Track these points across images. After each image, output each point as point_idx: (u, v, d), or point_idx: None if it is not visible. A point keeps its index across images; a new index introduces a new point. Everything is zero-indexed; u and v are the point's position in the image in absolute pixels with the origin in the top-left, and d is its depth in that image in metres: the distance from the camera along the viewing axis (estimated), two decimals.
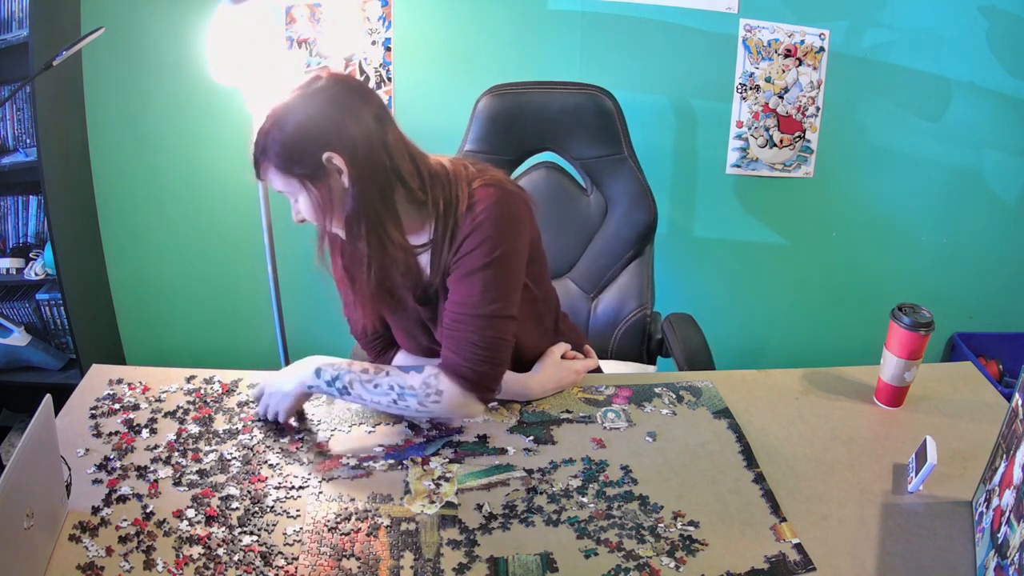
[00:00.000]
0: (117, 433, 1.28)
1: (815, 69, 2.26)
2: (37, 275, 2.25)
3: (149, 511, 1.12)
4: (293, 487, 1.18)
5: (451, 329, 1.26)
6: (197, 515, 1.12)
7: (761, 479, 1.22)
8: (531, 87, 1.82)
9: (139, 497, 1.15)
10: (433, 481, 1.21)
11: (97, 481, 1.18)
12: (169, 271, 2.50)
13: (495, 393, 1.29)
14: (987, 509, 1.08)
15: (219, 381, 1.42)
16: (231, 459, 1.24)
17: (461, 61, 2.26)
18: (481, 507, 1.16)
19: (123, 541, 1.07)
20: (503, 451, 1.27)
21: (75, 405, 1.35)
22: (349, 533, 1.11)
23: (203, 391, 1.40)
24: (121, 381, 1.42)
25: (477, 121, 1.82)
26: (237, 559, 1.05)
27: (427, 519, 1.14)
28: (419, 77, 2.27)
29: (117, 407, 1.35)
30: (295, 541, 1.09)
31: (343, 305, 1.43)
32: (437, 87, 2.28)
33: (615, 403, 1.39)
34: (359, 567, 1.05)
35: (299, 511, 1.14)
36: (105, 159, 2.34)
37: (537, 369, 1.41)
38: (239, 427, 1.31)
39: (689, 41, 2.24)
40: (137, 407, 1.35)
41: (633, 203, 1.84)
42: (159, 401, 1.37)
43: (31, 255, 2.29)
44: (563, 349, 1.46)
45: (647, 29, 2.23)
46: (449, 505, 1.16)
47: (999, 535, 1.00)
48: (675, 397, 1.41)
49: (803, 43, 2.23)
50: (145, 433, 1.29)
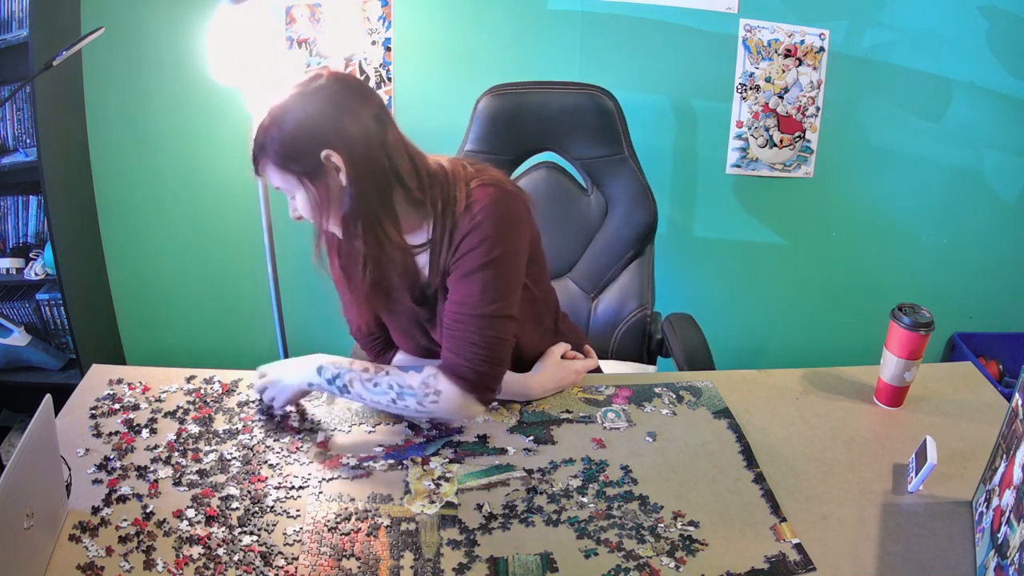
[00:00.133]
0: (117, 433, 1.28)
1: (815, 69, 2.26)
2: (37, 275, 2.25)
3: (149, 511, 1.12)
4: (293, 487, 1.18)
5: (451, 329, 1.26)
6: (197, 515, 1.12)
7: (761, 479, 1.22)
8: (531, 87, 1.82)
9: (139, 497, 1.15)
10: (433, 481, 1.21)
11: (97, 481, 1.18)
12: (169, 271, 2.50)
13: (495, 394, 1.29)
14: (987, 509, 1.08)
15: (219, 381, 1.42)
16: (231, 459, 1.24)
17: (461, 61, 2.26)
18: (481, 507, 1.16)
19: (123, 541, 1.07)
20: (503, 451, 1.27)
21: (75, 405, 1.35)
22: (349, 533, 1.11)
23: (203, 391, 1.40)
24: (121, 381, 1.42)
25: (477, 121, 1.82)
26: (237, 559, 1.05)
27: (427, 519, 1.14)
28: (419, 77, 2.27)
29: (117, 407, 1.35)
30: (295, 541, 1.09)
31: (342, 305, 1.43)
32: (437, 87, 2.28)
33: (615, 403, 1.39)
34: (359, 567, 1.05)
35: (299, 511, 1.14)
36: (105, 159, 2.34)
37: (537, 369, 1.41)
38: (239, 427, 1.31)
39: (689, 41, 2.24)
40: (137, 407, 1.35)
41: (633, 203, 1.84)
42: (159, 401, 1.37)
43: (31, 255, 2.29)
44: (563, 349, 1.46)
45: (647, 29, 2.23)
46: (449, 505, 1.16)
47: (999, 535, 1.00)
48: (675, 397, 1.41)
49: (803, 43, 2.23)
50: (145, 433, 1.29)
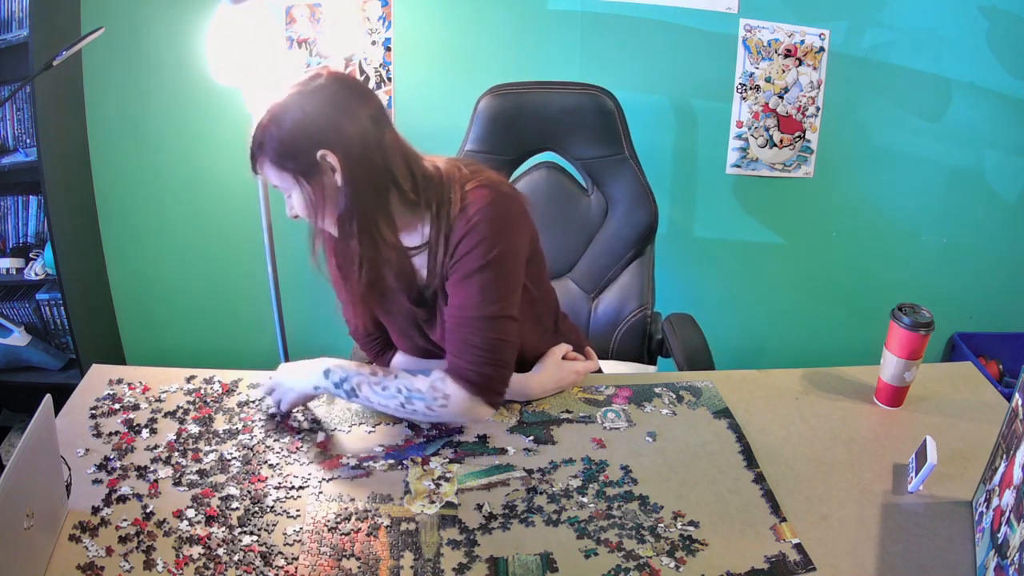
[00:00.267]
0: (117, 433, 1.28)
1: (815, 69, 2.26)
2: (37, 275, 2.25)
3: (149, 511, 1.12)
4: (293, 487, 1.18)
5: (453, 333, 1.26)
6: (197, 515, 1.12)
7: (761, 479, 1.22)
8: (532, 87, 1.82)
9: (139, 497, 1.15)
10: (433, 481, 1.21)
11: (97, 481, 1.18)
12: (169, 271, 2.50)
13: (502, 396, 1.29)
14: (987, 509, 1.08)
15: (219, 381, 1.42)
16: (231, 459, 1.24)
17: (461, 61, 2.26)
18: (481, 507, 1.16)
19: (123, 541, 1.07)
20: (503, 451, 1.27)
21: (75, 405, 1.35)
22: (349, 533, 1.11)
23: (203, 391, 1.40)
24: (121, 381, 1.42)
25: (478, 121, 1.82)
26: (237, 559, 1.05)
27: (427, 519, 1.14)
28: (419, 77, 2.27)
29: (117, 407, 1.35)
30: (295, 541, 1.09)
31: (340, 305, 1.43)
32: (437, 87, 2.28)
33: (615, 403, 1.39)
34: (359, 567, 1.05)
35: (299, 511, 1.14)
36: (105, 159, 2.34)
37: (537, 369, 1.41)
38: (239, 427, 1.31)
39: (689, 41, 2.24)
40: (137, 407, 1.35)
41: (634, 203, 1.84)
42: (159, 401, 1.37)
43: (31, 255, 2.29)
44: (564, 350, 1.46)
45: (647, 29, 2.23)
46: (449, 505, 1.16)
47: (999, 535, 1.00)
48: (675, 397, 1.41)
49: (803, 43, 2.23)
50: (145, 433, 1.29)
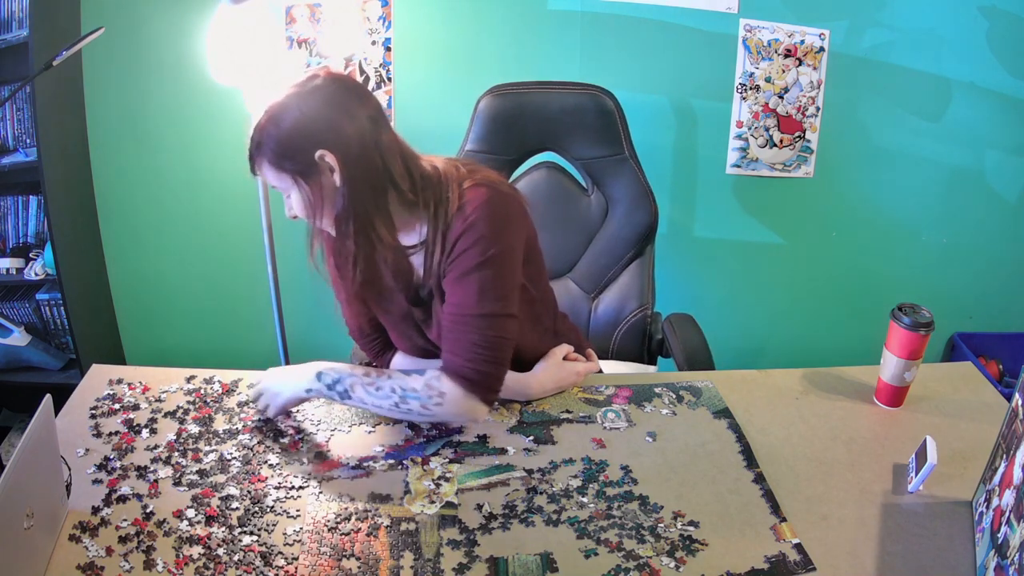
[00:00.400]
0: (117, 433, 1.28)
1: (815, 69, 2.26)
2: (37, 275, 2.25)
3: (149, 511, 1.12)
4: (293, 487, 1.18)
5: (450, 331, 1.25)
6: (197, 515, 1.12)
7: (761, 479, 1.22)
8: (532, 87, 1.82)
9: (139, 497, 1.15)
10: (433, 481, 1.21)
11: (97, 481, 1.18)
12: (169, 271, 2.50)
13: (498, 394, 1.29)
14: (987, 509, 1.08)
15: (219, 381, 1.42)
16: (231, 459, 1.24)
17: (461, 61, 2.26)
18: (481, 507, 1.16)
19: (123, 541, 1.07)
20: (503, 451, 1.27)
21: (75, 405, 1.35)
22: (349, 533, 1.11)
23: (203, 391, 1.40)
24: (121, 381, 1.42)
25: (478, 121, 1.82)
26: (237, 559, 1.05)
27: (427, 519, 1.14)
28: (419, 77, 2.27)
29: (117, 407, 1.35)
30: (295, 541, 1.09)
31: (339, 305, 1.42)
32: (437, 87, 2.28)
33: (615, 403, 1.39)
34: (359, 567, 1.05)
35: (299, 511, 1.14)
36: (105, 159, 2.34)
37: (537, 369, 1.41)
38: (239, 427, 1.31)
39: (689, 41, 2.24)
40: (137, 407, 1.35)
41: (634, 203, 1.84)
42: (159, 401, 1.37)
43: (31, 255, 2.29)
44: (565, 350, 1.45)
45: (647, 29, 2.23)
46: (449, 505, 1.16)
47: (999, 535, 1.00)
48: (675, 397, 1.41)
49: (803, 43, 2.23)
50: (145, 433, 1.29)
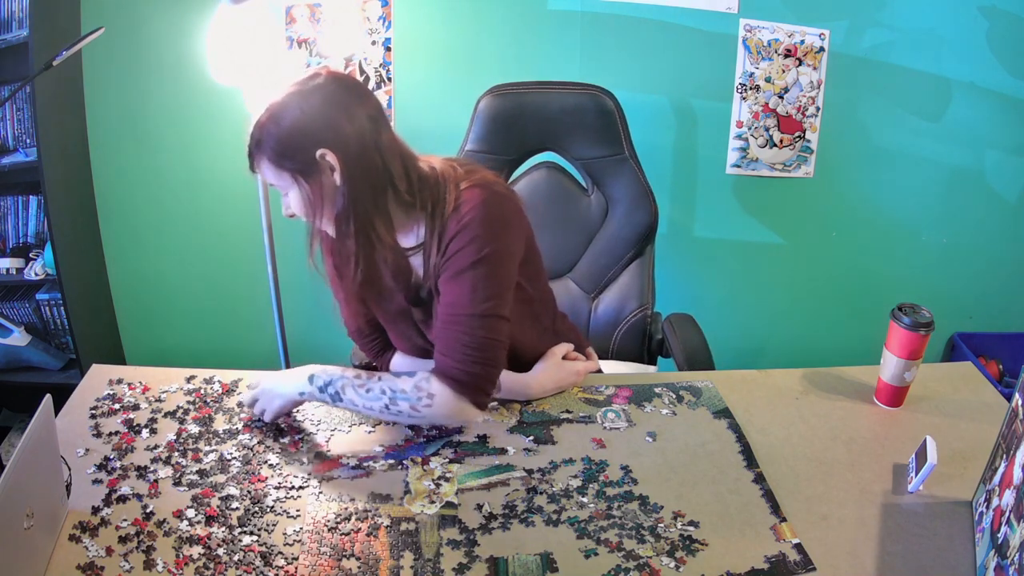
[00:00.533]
0: (117, 433, 1.28)
1: (815, 69, 2.26)
2: (37, 275, 2.25)
3: (149, 511, 1.12)
4: (293, 487, 1.18)
5: (442, 331, 1.25)
6: (197, 515, 1.12)
7: (761, 479, 1.22)
8: (532, 87, 1.82)
9: (139, 497, 1.15)
10: (433, 481, 1.21)
11: (97, 481, 1.18)
12: (169, 271, 2.50)
13: (489, 397, 1.27)
14: (987, 509, 1.08)
15: (219, 381, 1.42)
16: (231, 459, 1.24)
17: (461, 61, 2.26)
18: (481, 507, 1.16)
19: (123, 541, 1.07)
20: (503, 451, 1.27)
21: (75, 405, 1.35)
22: (349, 533, 1.11)
23: (203, 391, 1.40)
24: (121, 381, 1.42)
25: (478, 121, 1.82)
26: (237, 559, 1.05)
27: (427, 519, 1.14)
28: (419, 77, 2.27)
29: (117, 407, 1.35)
30: (295, 541, 1.09)
31: (338, 306, 1.42)
32: (437, 87, 2.28)
33: (615, 403, 1.39)
34: (359, 567, 1.05)
35: (299, 511, 1.14)
36: (105, 159, 2.34)
37: (537, 369, 1.41)
38: (239, 427, 1.31)
39: (689, 41, 2.24)
40: (137, 407, 1.35)
41: (634, 203, 1.84)
42: (159, 401, 1.37)
43: (31, 255, 2.29)
44: (564, 350, 1.45)
45: (647, 29, 2.23)
46: (449, 505, 1.16)
47: (999, 535, 1.00)
48: (675, 397, 1.41)
49: (803, 43, 2.23)
50: (145, 433, 1.29)
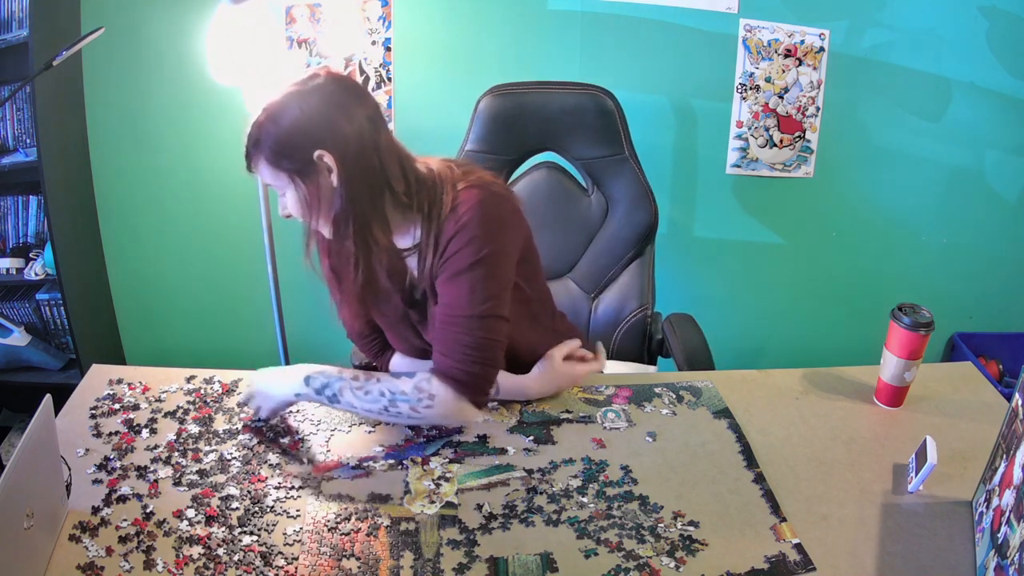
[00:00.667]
0: (117, 433, 1.28)
1: (815, 69, 2.26)
2: (37, 275, 2.25)
3: (149, 511, 1.12)
4: (293, 487, 1.18)
5: (441, 332, 1.24)
6: (197, 515, 1.12)
7: (761, 479, 1.22)
8: (532, 87, 1.82)
9: (139, 497, 1.15)
10: (433, 481, 1.21)
11: (97, 481, 1.18)
12: (169, 271, 2.50)
13: (488, 396, 1.27)
14: (987, 509, 1.08)
15: (219, 381, 1.42)
16: (231, 459, 1.24)
17: (461, 61, 2.26)
18: (481, 507, 1.16)
19: (123, 541, 1.07)
20: (503, 451, 1.27)
21: (75, 405, 1.35)
22: (349, 533, 1.11)
23: (203, 391, 1.40)
24: (121, 381, 1.42)
25: (478, 121, 1.82)
26: (237, 559, 1.05)
27: (427, 519, 1.14)
28: (419, 77, 2.27)
29: (117, 407, 1.35)
30: (295, 541, 1.09)
31: (335, 306, 1.42)
32: (437, 87, 2.28)
33: (615, 403, 1.39)
34: (359, 567, 1.05)
35: (299, 511, 1.14)
36: (105, 159, 2.34)
37: (535, 372, 1.39)
38: (239, 427, 1.31)
39: (689, 41, 2.24)
40: (137, 407, 1.35)
41: (634, 203, 1.84)
42: (159, 401, 1.37)
43: (31, 255, 2.29)
44: (568, 349, 1.43)
45: (647, 29, 2.23)
46: (449, 505, 1.16)
47: (999, 535, 1.00)
48: (675, 397, 1.41)
49: (803, 43, 2.23)
50: (145, 433, 1.29)
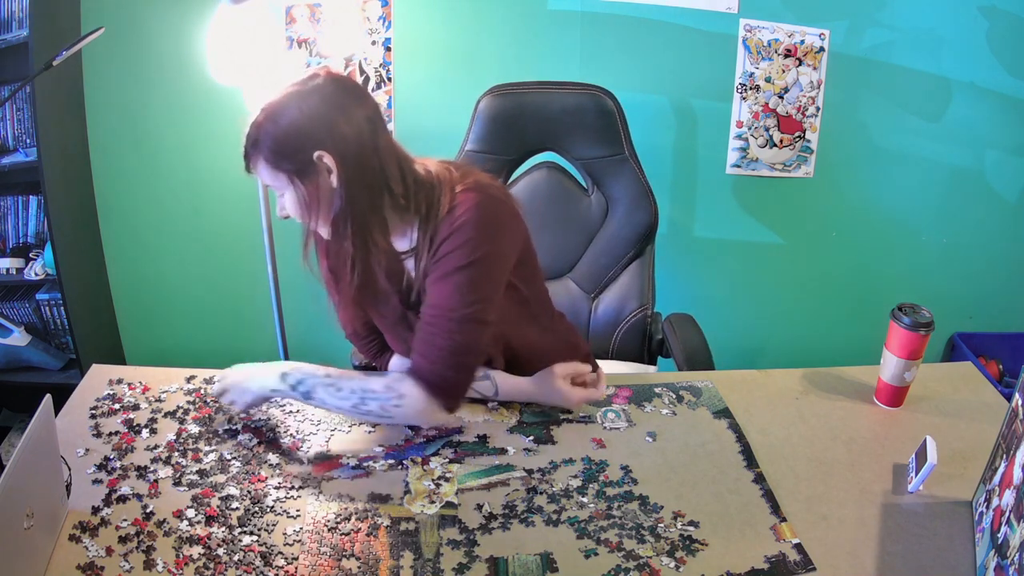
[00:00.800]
0: (117, 433, 1.28)
1: (815, 69, 2.26)
2: (37, 275, 2.25)
3: (149, 511, 1.12)
4: (293, 487, 1.18)
5: (421, 332, 1.22)
6: (197, 515, 1.12)
7: (761, 479, 1.22)
8: (532, 87, 1.82)
9: (139, 497, 1.15)
10: (433, 481, 1.21)
11: (97, 481, 1.18)
12: (169, 271, 2.50)
13: (460, 400, 1.25)
14: (987, 509, 1.08)
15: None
16: (231, 459, 1.24)
17: (461, 61, 2.26)
18: (481, 507, 1.16)
19: (123, 541, 1.07)
20: (503, 451, 1.27)
21: (75, 405, 1.35)
22: (349, 533, 1.11)
23: (203, 391, 1.40)
24: (121, 381, 1.42)
25: (478, 121, 1.82)
26: (237, 559, 1.05)
27: (427, 519, 1.14)
28: (419, 77, 2.27)
29: (117, 407, 1.35)
30: (295, 541, 1.09)
31: (333, 307, 1.41)
32: (437, 87, 2.28)
33: (615, 403, 1.39)
34: (359, 567, 1.05)
35: (299, 511, 1.14)
36: (105, 159, 2.34)
37: (534, 380, 1.36)
38: (239, 427, 1.31)
39: (689, 41, 2.24)
40: (137, 407, 1.35)
41: (634, 203, 1.84)
42: (159, 401, 1.37)
43: (31, 255, 2.29)
44: (571, 370, 1.36)
45: (647, 29, 2.23)
46: (449, 505, 1.16)
47: (999, 535, 1.00)
48: (675, 397, 1.41)
49: (803, 43, 2.23)
50: (145, 433, 1.29)
